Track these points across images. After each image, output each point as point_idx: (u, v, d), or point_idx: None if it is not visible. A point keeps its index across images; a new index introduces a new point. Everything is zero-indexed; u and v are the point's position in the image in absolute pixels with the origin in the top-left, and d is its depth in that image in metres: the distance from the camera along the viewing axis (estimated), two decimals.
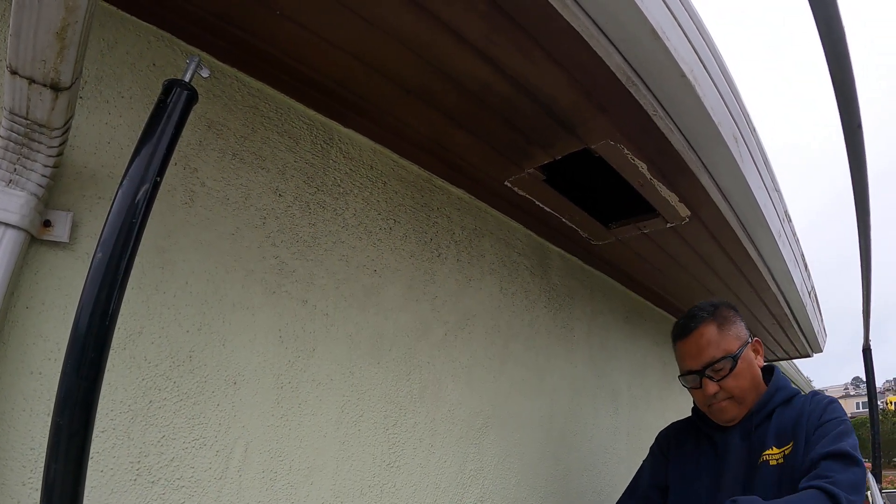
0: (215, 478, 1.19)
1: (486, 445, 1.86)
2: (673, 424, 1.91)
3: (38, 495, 0.85)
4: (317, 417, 1.39)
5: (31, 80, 0.90)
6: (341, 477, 1.41)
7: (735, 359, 1.59)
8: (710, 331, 1.62)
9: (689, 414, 1.85)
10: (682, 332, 1.68)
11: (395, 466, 1.55)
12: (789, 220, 2.31)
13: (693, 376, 1.64)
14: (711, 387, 1.59)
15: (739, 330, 1.66)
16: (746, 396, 1.60)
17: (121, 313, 0.90)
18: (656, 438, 1.92)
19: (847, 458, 1.37)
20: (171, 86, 0.99)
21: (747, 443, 1.58)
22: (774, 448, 1.52)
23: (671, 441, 1.85)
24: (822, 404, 1.54)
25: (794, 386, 1.65)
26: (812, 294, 3.11)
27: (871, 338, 4.08)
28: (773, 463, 1.50)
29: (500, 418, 1.94)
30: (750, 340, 1.66)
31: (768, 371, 1.70)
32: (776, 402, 1.60)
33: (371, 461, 1.49)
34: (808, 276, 2.90)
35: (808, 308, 3.04)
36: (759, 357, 1.68)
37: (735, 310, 1.71)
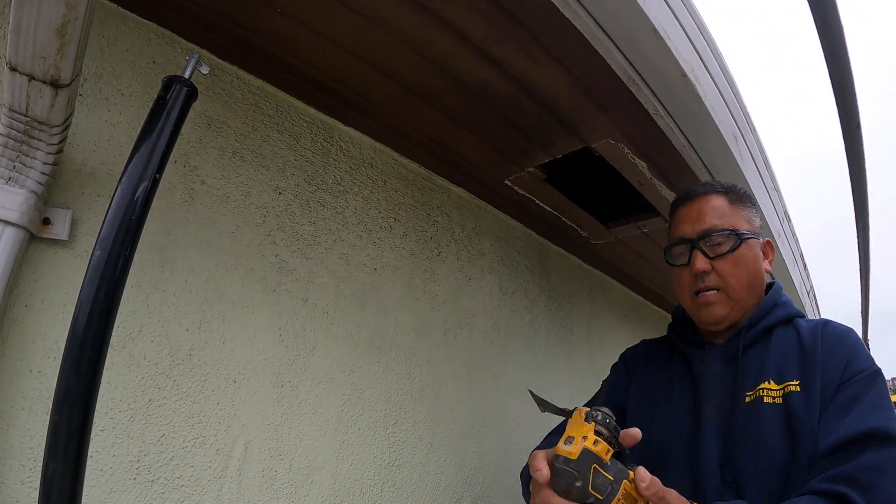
0: (215, 477, 1.18)
1: (485, 444, 1.86)
2: (644, 340, 1.55)
3: (37, 494, 0.84)
4: (317, 416, 1.39)
5: (31, 77, 0.90)
6: (341, 476, 1.41)
7: (740, 237, 1.25)
8: (719, 200, 1.30)
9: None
10: (687, 195, 1.34)
11: (396, 465, 1.55)
12: (788, 220, 2.31)
13: (683, 247, 1.30)
14: (702, 261, 1.24)
15: (753, 216, 1.33)
16: (741, 296, 1.25)
17: (120, 311, 0.89)
18: (621, 355, 1.56)
19: (889, 440, 1.01)
20: (170, 83, 0.98)
21: (733, 367, 1.23)
22: (772, 382, 1.17)
23: (637, 358, 1.49)
24: (848, 343, 1.18)
25: (796, 308, 1.31)
26: (811, 294, 3.11)
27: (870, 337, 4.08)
28: (768, 401, 1.15)
29: (500, 417, 1.94)
30: (761, 236, 1.32)
31: (769, 287, 1.35)
32: (774, 318, 1.26)
33: (371, 460, 1.49)
34: (808, 275, 2.90)
35: (807, 308, 3.04)
36: (767, 261, 1.33)
37: (755, 202, 1.38)
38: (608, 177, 1.76)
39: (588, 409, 0.93)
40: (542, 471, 0.90)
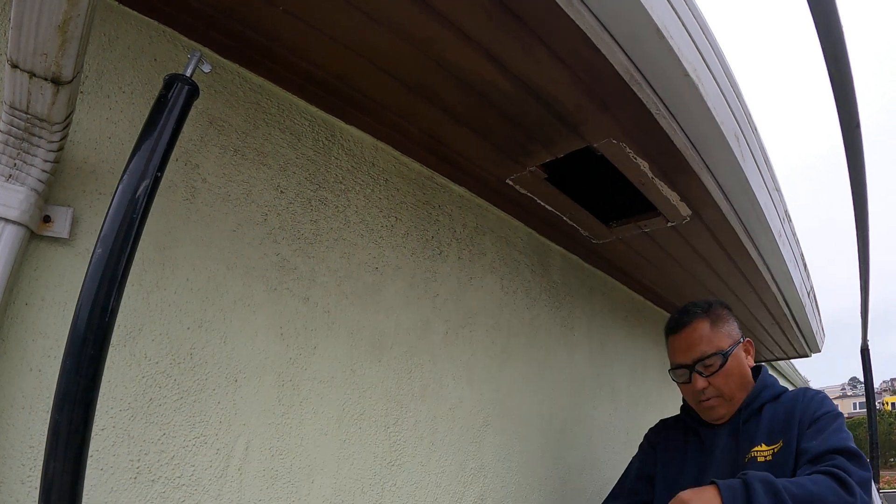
0: (216, 476, 1.18)
1: (486, 444, 1.86)
2: (662, 421, 1.92)
3: (37, 494, 0.84)
4: (318, 415, 1.39)
5: (32, 74, 0.90)
6: (342, 475, 1.41)
7: (725, 356, 1.60)
8: (702, 327, 1.64)
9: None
10: (675, 326, 1.70)
11: (396, 465, 1.54)
12: (789, 220, 2.31)
13: (683, 371, 1.66)
14: (700, 382, 1.61)
15: (732, 329, 1.67)
16: (735, 395, 1.61)
17: (121, 310, 0.89)
18: (646, 434, 1.93)
19: (857, 458, 1.36)
20: (172, 81, 0.98)
21: (735, 440, 1.59)
22: (764, 445, 1.52)
23: (660, 435, 1.86)
24: (816, 399, 1.55)
25: (782, 385, 1.67)
26: (811, 294, 3.11)
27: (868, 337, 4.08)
28: (761, 459, 1.50)
29: (501, 417, 1.94)
30: (742, 340, 1.68)
31: (756, 371, 1.71)
32: (764, 398, 1.61)
33: (372, 459, 1.48)
34: (808, 276, 2.90)
35: (807, 308, 3.04)
36: (749, 357, 1.69)
37: (729, 309, 1.73)
38: (609, 176, 1.75)
39: None
40: None
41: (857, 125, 1.25)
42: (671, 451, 1.77)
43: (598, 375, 2.59)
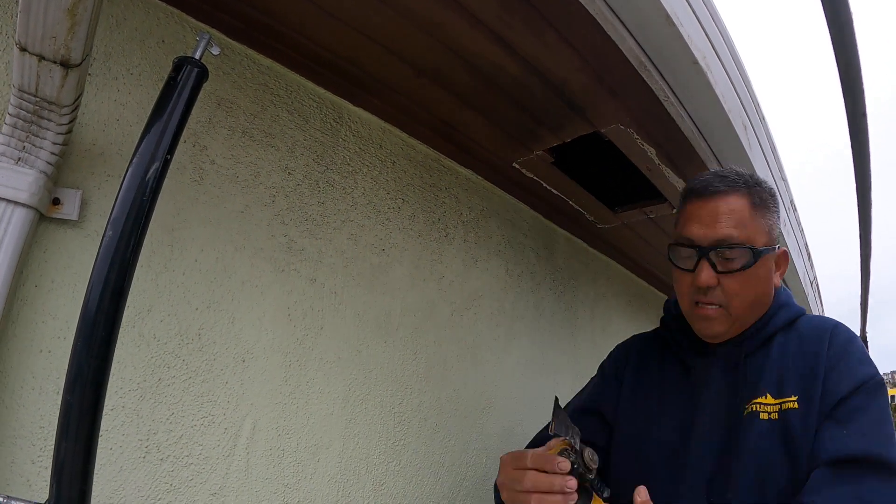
0: (223, 455, 1.20)
1: (490, 425, 1.88)
2: (636, 337, 1.46)
3: (47, 473, 0.86)
4: (324, 395, 1.40)
5: (41, 57, 0.90)
6: (348, 454, 1.43)
7: (757, 255, 1.09)
8: (740, 203, 1.12)
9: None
10: (705, 189, 1.15)
11: (401, 444, 1.56)
12: (794, 210, 2.30)
13: (690, 252, 1.15)
14: (707, 274, 1.10)
15: (773, 224, 1.17)
16: (743, 315, 1.14)
17: (130, 292, 0.90)
18: (609, 353, 1.47)
19: (890, 470, 0.97)
20: (181, 63, 0.98)
21: (732, 377, 1.15)
22: (769, 396, 1.10)
23: (630, 358, 1.39)
24: (852, 352, 1.10)
25: (798, 306, 1.22)
26: (814, 284, 3.11)
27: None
28: (763, 416, 1.08)
29: (505, 398, 1.95)
30: (778, 247, 1.17)
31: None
32: (777, 324, 1.17)
33: (377, 439, 1.50)
34: (812, 266, 2.90)
35: (810, 297, 3.04)
36: (779, 273, 1.20)
37: (776, 199, 1.20)
38: (616, 162, 1.75)
39: (564, 445, 0.94)
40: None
41: (864, 114, 1.25)
42: (642, 385, 1.31)
43: (601, 358, 2.60)
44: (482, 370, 1.88)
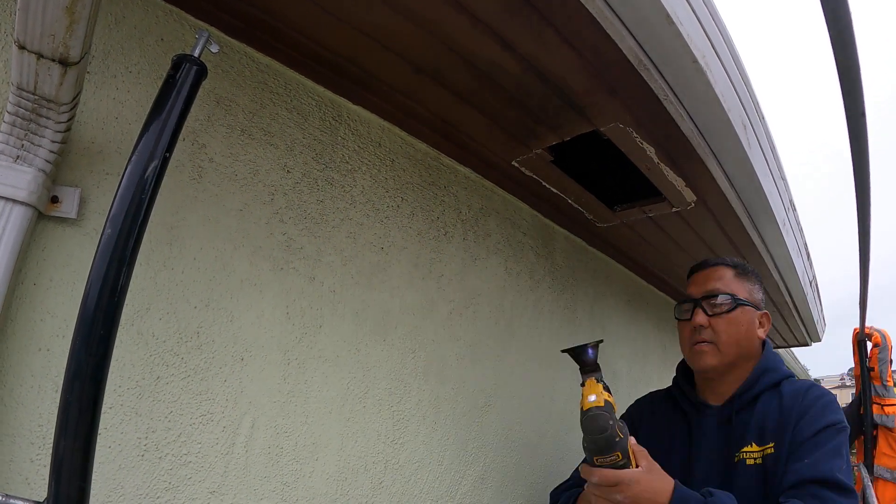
0: (222, 453, 1.20)
1: (488, 423, 1.88)
2: (651, 393, 1.77)
3: (46, 472, 0.86)
4: (323, 394, 1.40)
5: (40, 56, 0.90)
6: (346, 453, 1.43)
7: (737, 302, 1.48)
8: (727, 272, 1.54)
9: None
10: (701, 265, 1.60)
11: (399, 443, 1.57)
12: (794, 209, 2.30)
13: (689, 304, 1.53)
14: (701, 317, 1.48)
15: (754, 290, 1.55)
16: (730, 352, 1.46)
17: (129, 289, 0.90)
18: (629, 407, 1.78)
19: (846, 493, 1.22)
20: (180, 61, 0.98)
21: (725, 431, 1.45)
22: (754, 445, 1.38)
23: (644, 411, 1.71)
24: (820, 404, 1.37)
25: (786, 368, 1.51)
26: (813, 283, 3.11)
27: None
28: (749, 462, 1.37)
29: (503, 397, 1.96)
30: (761, 307, 1.55)
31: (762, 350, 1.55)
32: (763, 385, 1.46)
33: (375, 438, 1.51)
34: (811, 265, 2.90)
35: (809, 297, 3.05)
36: (762, 330, 1.54)
37: (760, 279, 1.60)
38: (615, 160, 1.75)
39: (594, 375, 1.32)
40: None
41: (863, 114, 1.24)
42: (654, 431, 1.59)
43: (599, 358, 2.60)
44: (481, 369, 1.88)
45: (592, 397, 1.23)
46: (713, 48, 1.37)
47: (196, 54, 0.99)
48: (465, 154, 1.84)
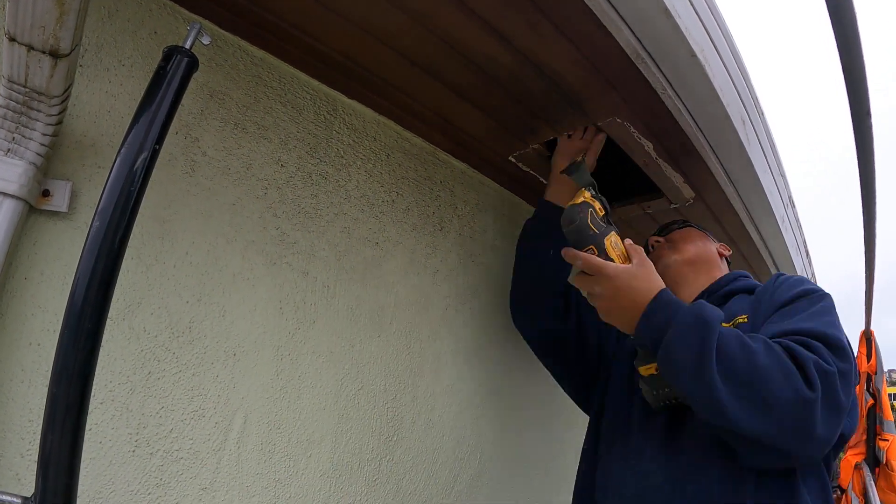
0: (214, 449, 1.19)
1: (484, 421, 1.87)
2: None
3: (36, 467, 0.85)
4: (316, 390, 1.40)
5: (30, 47, 0.89)
6: (340, 450, 1.42)
7: (686, 223, 1.66)
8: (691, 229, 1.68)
9: None
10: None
11: (394, 440, 1.56)
12: (793, 206, 2.29)
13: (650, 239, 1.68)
14: (656, 238, 1.66)
15: (708, 236, 1.68)
16: (689, 251, 1.56)
17: (120, 284, 0.90)
18: None
19: (837, 348, 1.07)
20: (171, 53, 0.97)
21: None
22: (722, 324, 1.21)
23: None
24: (795, 278, 1.32)
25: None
26: (812, 280, 3.10)
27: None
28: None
29: (499, 394, 1.95)
30: (714, 241, 1.67)
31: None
32: (735, 287, 1.45)
33: (370, 434, 1.50)
34: (810, 262, 2.90)
35: None
36: (724, 249, 1.66)
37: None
38: (613, 156, 1.74)
39: (591, 189, 1.34)
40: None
41: (868, 112, 1.23)
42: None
43: None
44: (477, 366, 1.87)
45: (577, 200, 1.28)
46: (712, 42, 1.36)
47: (187, 46, 0.99)
48: (461, 149, 1.83)
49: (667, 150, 1.68)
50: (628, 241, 1.29)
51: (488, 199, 2.02)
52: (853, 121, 1.25)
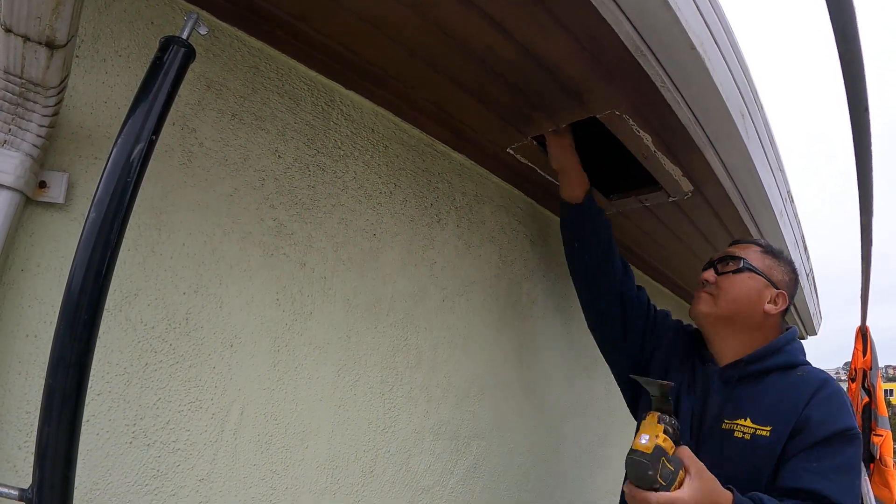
0: (211, 440, 1.20)
1: (481, 412, 1.88)
2: (682, 323, 1.83)
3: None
4: (313, 381, 1.40)
5: (26, 38, 0.88)
6: (336, 441, 1.43)
7: (746, 266, 1.54)
8: (752, 247, 1.61)
9: None
10: (736, 241, 1.71)
11: (391, 431, 1.56)
12: (791, 201, 2.30)
13: (707, 265, 1.63)
14: (709, 273, 1.59)
15: (776, 269, 1.58)
16: (726, 307, 1.52)
17: (117, 275, 0.90)
18: (671, 319, 1.86)
19: None
20: (167, 43, 0.97)
21: (724, 392, 1.47)
22: (748, 420, 1.38)
23: (671, 332, 1.78)
24: (835, 403, 1.36)
25: (804, 358, 1.50)
26: (810, 276, 3.11)
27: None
28: (738, 435, 1.38)
29: (496, 386, 1.95)
30: (777, 287, 1.54)
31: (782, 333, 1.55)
32: (773, 363, 1.46)
33: (366, 426, 1.50)
34: (808, 258, 2.90)
35: (805, 290, 3.05)
36: (774, 305, 1.53)
37: (791, 266, 1.63)
38: (612, 148, 1.74)
39: (659, 413, 1.24)
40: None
41: (866, 108, 1.23)
42: (667, 360, 1.69)
43: (595, 348, 2.60)
44: (474, 357, 1.88)
45: (644, 438, 1.20)
46: (711, 35, 1.36)
47: (184, 36, 0.98)
48: (459, 140, 1.83)
49: (665, 143, 1.68)
50: (686, 454, 1.23)
51: (486, 191, 2.02)
52: (851, 116, 1.25)
